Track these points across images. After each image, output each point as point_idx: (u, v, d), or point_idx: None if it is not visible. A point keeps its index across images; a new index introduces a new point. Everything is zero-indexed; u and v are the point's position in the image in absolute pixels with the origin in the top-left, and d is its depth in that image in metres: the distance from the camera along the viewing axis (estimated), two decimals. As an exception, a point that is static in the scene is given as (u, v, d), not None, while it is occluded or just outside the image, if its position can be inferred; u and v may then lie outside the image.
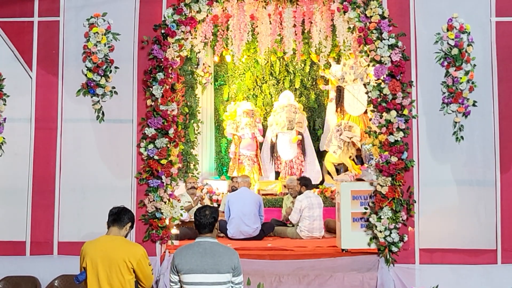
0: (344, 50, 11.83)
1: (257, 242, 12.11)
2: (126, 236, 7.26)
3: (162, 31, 10.14)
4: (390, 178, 9.85)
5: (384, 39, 9.96)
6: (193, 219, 11.94)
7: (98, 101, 10.23)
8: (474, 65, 10.07)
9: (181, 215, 10.41)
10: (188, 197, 13.02)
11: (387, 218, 9.77)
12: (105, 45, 10.20)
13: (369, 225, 10.05)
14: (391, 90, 9.90)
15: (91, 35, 10.22)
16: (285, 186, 14.90)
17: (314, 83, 17.47)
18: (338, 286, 9.71)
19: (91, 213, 10.02)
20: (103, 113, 10.25)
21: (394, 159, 9.85)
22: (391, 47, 9.97)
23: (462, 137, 10.01)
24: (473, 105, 10.02)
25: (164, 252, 10.13)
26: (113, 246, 7.01)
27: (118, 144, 10.25)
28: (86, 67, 10.20)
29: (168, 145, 10.04)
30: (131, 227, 7.34)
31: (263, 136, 16.99)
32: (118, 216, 7.22)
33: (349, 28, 10.31)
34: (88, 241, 7.23)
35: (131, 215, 7.34)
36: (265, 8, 11.16)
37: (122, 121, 10.25)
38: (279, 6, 11.15)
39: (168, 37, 10.11)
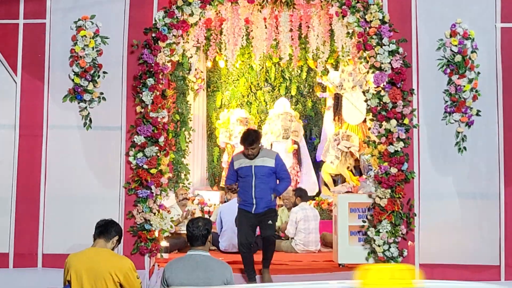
0: (343, 56, 11.85)
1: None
2: (113, 250, 7.26)
3: (153, 35, 10.18)
4: (389, 190, 9.90)
5: (385, 45, 10.00)
6: (179, 231, 12.06)
7: (86, 107, 10.26)
8: (478, 72, 10.12)
9: (171, 227, 10.43)
10: (178, 210, 13.00)
11: (386, 232, 9.81)
12: (93, 49, 10.23)
13: (367, 239, 10.11)
14: (391, 98, 9.94)
15: (78, 38, 10.23)
16: (279, 198, 14.89)
17: (311, 90, 17.49)
18: (334, 302, 9.72)
19: (78, 224, 10.00)
20: (90, 120, 10.27)
21: (394, 171, 9.90)
22: (392, 53, 10.01)
23: (465, 148, 10.05)
24: (477, 114, 10.07)
25: (153, 265, 10.16)
26: (99, 258, 7.00)
27: (106, 152, 10.29)
28: (73, 71, 10.22)
29: (158, 154, 10.07)
30: (118, 241, 7.32)
31: (258, 145, 16.97)
32: (105, 229, 7.21)
33: (348, 33, 10.35)
34: (73, 253, 7.23)
35: (119, 229, 7.34)
36: (260, 11, 11.16)
37: (110, 128, 10.29)
38: (275, 10, 11.16)
39: (159, 41, 10.15)
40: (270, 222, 10.07)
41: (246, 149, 9.91)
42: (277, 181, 10.17)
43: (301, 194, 13.17)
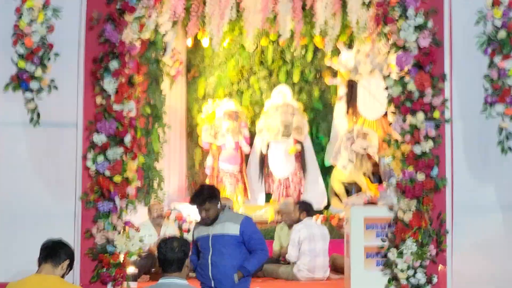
0: (358, 33, 11.88)
1: (241, 285, 12.16)
2: (63, 277, 7.25)
3: (117, 7, 10.14)
4: (415, 202, 9.87)
5: (410, 18, 9.97)
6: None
7: (32, 98, 10.18)
8: (527, 52, 10.12)
9: (140, 249, 10.41)
10: (151, 229, 13.02)
11: (411, 253, 9.79)
12: (42, 25, 10.16)
13: (388, 263, 10.10)
14: (418, 85, 9.91)
15: (24, 11, 10.14)
16: (278, 212, 14.89)
17: (318, 76, 17.52)
18: None
19: (22, 246, 9.91)
20: (38, 115, 10.21)
21: (421, 177, 9.87)
22: (419, 28, 9.97)
23: (509, 148, 10.04)
24: (525, 105, 10.08)
25: (118, 297, 10.17)
26: (46, 287, 7.01)
27: (58, 155, 10.25)
28: (17, 53, 10.13)
29: (124, 158, 10.05)
30: (70, 266, 7.31)
31: (251, 145, 17.02)
32: (52, 251, 7.21)
33: (364, 3, 10.37)
34: (13, 282, 7.24)
35: (70, 251, 7.35)
36: (253, -24, 11.23)
37: (63, 125, 10.26)
38: (272, -26, 11.21)
39: (125, 14, 10.12)
40: None
41: (199, 210, 9.29)
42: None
43: (307, 208, 13.11)
